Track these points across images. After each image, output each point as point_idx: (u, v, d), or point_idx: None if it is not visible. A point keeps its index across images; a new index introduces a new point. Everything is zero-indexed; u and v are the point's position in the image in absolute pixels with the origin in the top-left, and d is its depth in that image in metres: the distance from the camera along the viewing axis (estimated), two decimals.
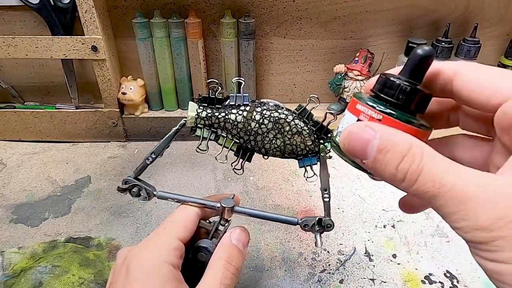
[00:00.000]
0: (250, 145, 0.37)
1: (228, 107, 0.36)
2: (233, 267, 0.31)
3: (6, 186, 0.58)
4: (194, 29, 0.63)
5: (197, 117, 0.36)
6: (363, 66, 0.65)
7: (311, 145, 0.36)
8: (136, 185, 0.36)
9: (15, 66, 0.69)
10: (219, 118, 0.36)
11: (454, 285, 0.43)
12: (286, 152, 0.36)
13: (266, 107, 0.36)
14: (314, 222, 0.35)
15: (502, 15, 0.65)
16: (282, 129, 0.36)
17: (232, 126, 0.36)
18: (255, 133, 0.36)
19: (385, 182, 0.21)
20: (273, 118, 0.35)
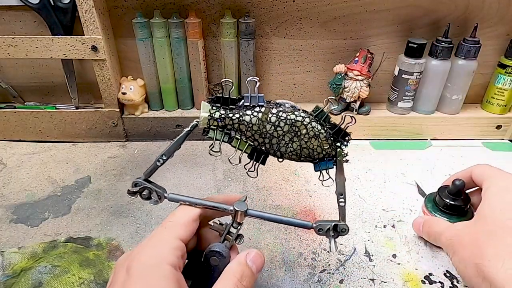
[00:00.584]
0: (265, 148, 0.36)
1: (242, 107, 0.35)
2: (243, 287, 0.30)
3: (6, 186, 0.58)
4: (194, 29, 0.63)
5: (210, 118, 0.35)
6: (363, 66, 0.65)
7: (328, 149, 0.35)
8: (146, 187, 0.35)
9: (15, 66, 0.69)
10: (233, 119, 0.34)
11: (454, 285, 0.43)
12: (303, 156, 0.36)
13: (282, 108, 0.35)
14: (329, 227, 0.35)
15: (502, 15, 0.65)
16: (298, 132, 0.34)
17: (247, 128, 0.35)
18: (271, 136, 0.35)
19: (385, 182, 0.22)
20: (289, 120, 0.34)
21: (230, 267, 0.31)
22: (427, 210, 0.47)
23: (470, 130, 0.71)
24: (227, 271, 0.31)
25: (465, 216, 0.45)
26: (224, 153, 0.36)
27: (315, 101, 0.73)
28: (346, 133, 0.35)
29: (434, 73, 0.66)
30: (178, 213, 0.33)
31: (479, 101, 0.74)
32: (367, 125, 0.71)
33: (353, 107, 0.69)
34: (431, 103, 0.70)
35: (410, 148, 0.69)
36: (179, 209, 0.34)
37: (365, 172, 0.62)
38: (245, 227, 0.50)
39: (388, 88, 0.71)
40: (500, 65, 0.67)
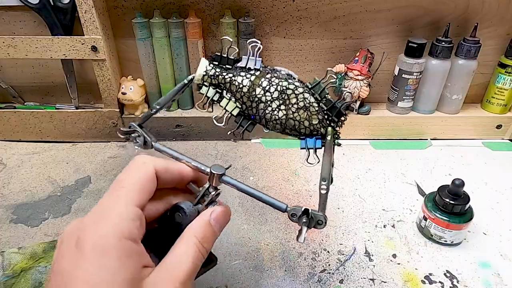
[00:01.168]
0: (251, 112, 0.35)
1: (238, 69, 0.34)
2: (204, 249, 0.29)
3: (6, 186, 0.58)
4: (194, 29, 0.63)
5: (205, 74, 0.35)
6: (363, 66, 0.65)
7: (316, 125, 0.33)
8: (137, 131, 0.35)
9: (15, 66, 0.69)
10: (225, 78, 0.34)
11: (454, 285, 0.43)
12: (288, 127, 0.34)
13: (277, 74, 0.34)
14: (303, 216, 0.31)
15: (502, 15, 0.65)
16: (287, 100, 0.33)
17: (237, 89, 0.34)
18: (258, 100, 0.34)
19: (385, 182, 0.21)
20: (280, 87, 0.33)
21: (193, 226, 0.29)
22: (427, 210, 0.47)
23: (470, 130, 0.71)
24: (189, 230, 0.29)
25: (465, 216, 0.45)
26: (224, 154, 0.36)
27: None
28: (341, 112, 0.33)
29: (434, 72, 0.66)
30: (131, 174, 0.28)
31: (479, 100, 0.74)
32: (367, 125, 0.70)
33: (353, 107, 0.69)
34: (431, 103, 0.70)
35: (410, 148, 0.69)
36: (133, 168, 0.29)
37: (365, 172, 0.62)
38: (244, 227, 0.50)
39: (388, 88, 0.71)
40: (500, 65, 0.67)
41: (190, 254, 0.27)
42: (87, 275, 0.22)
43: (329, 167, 0.32)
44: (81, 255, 0.23)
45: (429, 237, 0.48)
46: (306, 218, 0.31)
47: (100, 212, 0.25)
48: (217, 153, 0.67)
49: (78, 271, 0.23)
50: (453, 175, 0.62)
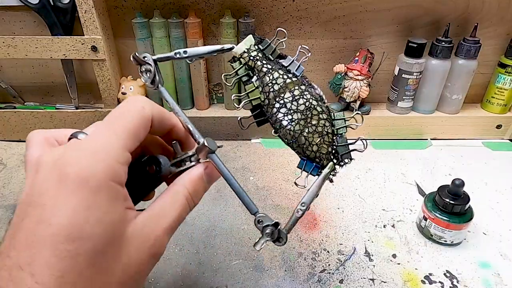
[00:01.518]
0: (269, 111, 0.33)
1: (278, 64, 0.34)
2: (193, 203, 0.28)
3: (6, 186, 0.58)
4: (194, 29, 0.63)
5: (246, 51, 0.34)
6: (363, 66, 0.65)
7: (322, 154, 0.33)
8: (149, 65, 0.32)
9: (15, 66, 0.69)
10: (263, 66, 0.33)
11: (454, 285, 0.43)
12: (296, 143, 0.33)
13: (311, 91, 0.33)
14: (268, 224, 0.30)
15: (502, 15, 0.65)
16: (309, 119, 0.33)
17: (268, 83, 0.33)
18: (283, 104, 0.33)
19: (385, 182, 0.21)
20: (309, 103, 0.33)
21: (185, 178, 0.28)
22: (427, 210, 0.47)
23: (470, 129, 0.71)
24: (181, 181, 0.28)
25: (465, 216, 0.46)
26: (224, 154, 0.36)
27: None
28: (349, 155, 0.34)
29: (434, 72, 0.66)
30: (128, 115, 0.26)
31: (479, 100, 0.74)
32: (367, 125, 0.70)
33: (353, 107, 0.69)
34: (431, 102, 0.70)
35: (410, 148, 0.69)
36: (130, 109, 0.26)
37: (365, 172, 0.62)
38: (244, 227, 0.50)
39: (388, 88, 0.71)
40: (500, 65, 0.67)
41: (179, 205, 0.27)
42: (73, 213, 0.21)
43: (313, 196, 0.32)
44: (67, 191, 0.21)
45: (429, 237, 0.48)
46: (270, 230, 0.30)
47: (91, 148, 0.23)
48: (217, 153, 0.67)
49: (62, 207, 0.21)
50: (453, 175, 0.62)
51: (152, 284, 0.42)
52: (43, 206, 0.21)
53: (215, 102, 0.74)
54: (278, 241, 0.30)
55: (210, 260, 0.46)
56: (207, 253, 0.46)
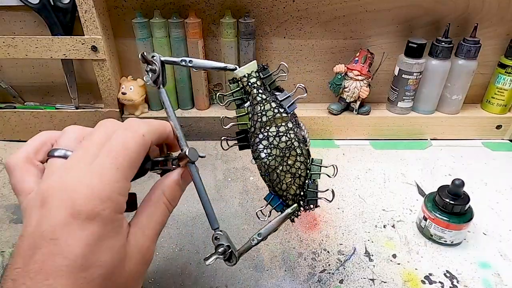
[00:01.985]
0: (252, 139, 0.35)
1: (273, 96, 0.35)
2: (171, 207, 0.30)
3: (6, 186, 0.58)
4: (194, 29, 0.63)
5: (247, 76, 0.35)
6: (363, 66, 0.65)
7: (289, 194, 0.35)
8: (156, 65, 0.32)
9: (15, 66, 0.69)
10: (258, 95, 0.34)
11: (454, 285, 0.43)
12: (268, 176, 0.34)
13: (297, 131, 0.34)
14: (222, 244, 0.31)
15: (502, 15, 0.65)
16: (286, 158, 0.34)
17: (258, 112, 0.34)
18: (266, 137, 0.34)
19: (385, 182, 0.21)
20: (290, 143, 0.34)
21: (162, 185, 0.30)
22: (427, 210, 0.47)
23: (470, 130, 0.71)
24: (158, 189, 0.30)
25: (465, 216, 0.46)
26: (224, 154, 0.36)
27: (315, 101, 0.73)
28: (315, 202, 0.35)
29: (434, 73, 0.66)
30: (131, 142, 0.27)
31: (479, 101, 0.74)
32: (367, 125, 0.71)
33: (353, 107, 0.69)
34: (431, 103, 0.70)
35: (410, 148, 0.69)
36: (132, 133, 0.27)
37: (365, 172, 0.62)
38: (244, 227, 0.50)
39: (388, 88, 0.71)
40: (500, 65, 0.67)
41: (160, 213, 0.29)
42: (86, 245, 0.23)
43: (272, 230, 0.33)
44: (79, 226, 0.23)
45: (429, 237, 0.48)
46: (222, 249, 0.31)
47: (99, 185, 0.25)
48: (217, 153, 0.67)
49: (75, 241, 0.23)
50: (453, 175, 0.62)
51: (152, 284, 0.42)
52: (56, 240, 0.23)
53: (215, 102, 0.74)
54: (228, 261, 0.32)
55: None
56: (207, 253, 0.46)
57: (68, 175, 0.25)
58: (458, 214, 0.45)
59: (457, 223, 0.45)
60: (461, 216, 0.45)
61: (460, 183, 0.45)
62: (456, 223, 0.45)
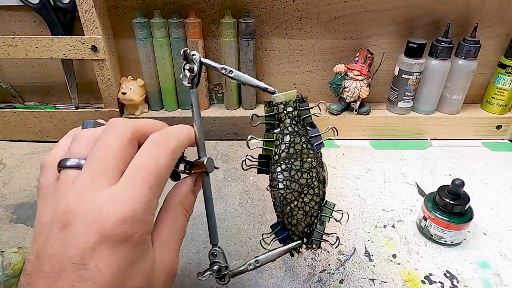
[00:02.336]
0: (273, 167, 0.34)
1: (304, 130, 0.35)
2: (189, 216, 0.30)
3: (6, 186, 0.58)
4: (194, 29, 0.63)
5: (284, 104, 0.34)
6: (363, 66, 0.65)
7: (296, 231, 0.35)
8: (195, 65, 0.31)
9: (15, 66, 0.69)
10: (290, 126, 0.34)
11: (454, 285, 0.43)
12: (282, 208, 0.35)
13: (319, 170, 0.34)
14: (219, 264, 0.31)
15: (502, 15, 0.65)
16: (303, 195, 0.34)
17: (287, 142, 0.34)
18: (289, 169, 0.34)
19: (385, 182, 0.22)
20: (311, 181, 0.34)
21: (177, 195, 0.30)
22: (427, 210, 0.47)
23: (470, 130, 0.71)
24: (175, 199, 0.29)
25: (465, 216, 0.46)
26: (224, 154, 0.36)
27: (315, 101, 0.73)
28: (319, 244, 0.35)
29: (434, 73, 0.66)
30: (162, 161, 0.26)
31: (479, 101, 0.74)
32: (367, 125, 0.71)
33: (353, 107, 0.69)
34: (431, 103, 0.70)
35: (410, 148, 0.69)
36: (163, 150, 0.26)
37: (365, 172, 0.62)
38: (244, 227, 0.50)
39: (388, 88, 0.71)
40: (500, 65, 0.67)
41: (180, 225, 0.29)
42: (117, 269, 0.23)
43: (270, 260, 0.34)
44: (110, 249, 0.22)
45: (429, 237, 0.48)
46: (217, 267, 0.31)
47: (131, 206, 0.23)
48: (217, 153, 0.67)
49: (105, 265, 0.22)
50: (453, 175, 0.62)
51: None
52: (85, 266, 0.22)
53: (215, 102, 0.74)
54: (220, 280, 0.32)
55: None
56: (207, 253, 0.46)
57: (89, 193, 0.23)
58: (458, 214, 0.45)
59: (457, 223, 0.45)
60: (461, 216, 0.45)
61: (460, 183, 0.45)
62: (456, 223, 0.45)
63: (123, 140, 0.25)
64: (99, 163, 0.24)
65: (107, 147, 0.25)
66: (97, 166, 0.24)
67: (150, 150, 0.26)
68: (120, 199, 0.23)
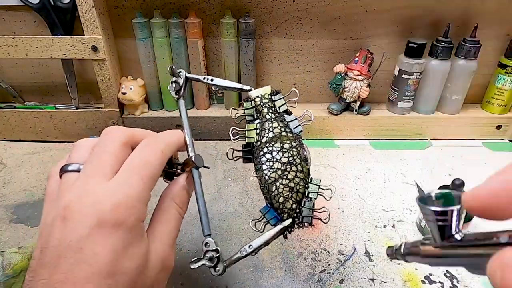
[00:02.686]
0: (256, 153, 0.37)
1: (281, 117, 0.38)
2: (183, 212, 0.32)
3: (6, 186, 0.58)
4: (194, 29, 0.63)
5: (260, 97, 0.38)
6: (363, 66, 0.65)
7: (285, 208, 0.36)
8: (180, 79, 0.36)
9: (15, 66, 0.69)
10: (267, 114, 0.37)
11: (454, 285, 0.43)
12: (267, 188, 0.36)
13: (300, 150, 0.36)
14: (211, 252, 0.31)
15: (502, 15, 0.65)
16: (287, 172, 0.36)
17: (266, 128, 0.37)
18: (270, 151, 0.36)
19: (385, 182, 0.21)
20: (292, 159, 0.36)
21: (170, 192, 0.32)
22: None
23: (470, 130, 0.71)
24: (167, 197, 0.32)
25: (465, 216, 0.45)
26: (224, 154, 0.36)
27: (315, 101, 0.73)
28: (310, 220, 0.36)
29: (434, 73, 0.66)
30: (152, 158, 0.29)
31: (479, 101, 0.74)
32: (367, 125, 0.71)
33: (353, 107, 0.69)
34: (431, 103, 0.70)
35: (410, 148, 0.69)
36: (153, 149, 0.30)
37: (365, 172, 0.62)
38: (244, 227, 0.50)
39: (388, 88, 0.71)
40: (500, 65, 0.67)
41: (174, 220, 0.31)
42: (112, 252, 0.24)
43: (264, 243, 0.34)
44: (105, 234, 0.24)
45: None
46: (210, 255, 0.31)
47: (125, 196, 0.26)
48: (217, 153, 0.67)
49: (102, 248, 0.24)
50: (453, 175, 0.62)
51: None
52: (81, 249, 0.24)
53: (215, 102, 0.74)
54: (214, 269, 0.32)
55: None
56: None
57: (87, 188, 0.26)
58: None
59: None
60: None
61: (460, 183, 0.45)
62: None
63: (117, 143, 0.29)
64: (96, 163, 0.27)
65: (103, 150, 0.28)
66: (94, 166, 0.27)
67: (142, 149, 0.29)
68: (115, 190, 0.26)
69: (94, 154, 0.28)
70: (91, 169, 0.27)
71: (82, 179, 0.27)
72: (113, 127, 0.30)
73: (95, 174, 0.27)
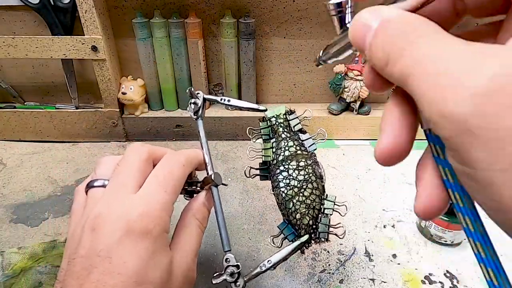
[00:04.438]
0: (273, 171, 0.38)
1: (296, 135, 0.39)
2: (203, 227, 0.34)
3: (6, 186, 0.58)
4: (194, 29, 0.63)
5: (275, 117, 0.40)
6: (363, 66, 0.65)
7: (302, 224, 0.36)
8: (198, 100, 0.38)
9: (15, 66, 0.69)
10: (283, 133, 0.39)
11: (454, 285, 0.43)
12: (284, 205, 0.37)
13: (315, 167, 0.37)
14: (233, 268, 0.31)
15: None
16: (303, 189, 0.36)
17: (282, 147, 0.38)
18: (287, 169, 0.37)
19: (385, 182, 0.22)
20: (308, 177, 0.36)
21: (191, 208, 0.33)
22: None
23: None
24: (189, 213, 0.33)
25: None
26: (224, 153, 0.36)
27: (315, 101, 0.73)
28: (326, 236, 0.37)
29: None
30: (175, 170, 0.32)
31: None
32: (367, 125, 0.71)
33: (353, 107, 0.69)
34: None
35: None
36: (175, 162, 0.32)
37: (365, 172, 0.62)
38: (244, 227, 0.50)
39: None
40: None
41: (196, 235, 0.32)
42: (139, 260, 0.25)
43: (282, 259, 0.34)
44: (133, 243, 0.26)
45: (429, 237, 0.48)
46: (231, 270, 0.31)
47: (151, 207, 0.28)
48: (217, 153, 0.67)
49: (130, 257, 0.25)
50: None
51: None
52: (110, 259, 0.25)
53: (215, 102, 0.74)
54: (234, 283, 0.32)
55: (210, 260, 0.46)
56: (207, 253, 0.46)
57: (115, 200, 0.28)
58: None
59: (457, 223, 0.45)
60: None
61: None
62: (456, 223, 0.45)
63: (141, 159, 0.31)
64: (121, 178, 0.29)
65: (127, 165, 0.30)
66: (120, 180, 0.29)
67: (164, 163, 0.32)
68: (141, 201, 0.28)
69: (119, 169, 0.30)
70: (118, 183, 0.29)
71: (109, 192, 0.29)
72: (136, 144, 0.32)
73: (121, 188, 0.28)
